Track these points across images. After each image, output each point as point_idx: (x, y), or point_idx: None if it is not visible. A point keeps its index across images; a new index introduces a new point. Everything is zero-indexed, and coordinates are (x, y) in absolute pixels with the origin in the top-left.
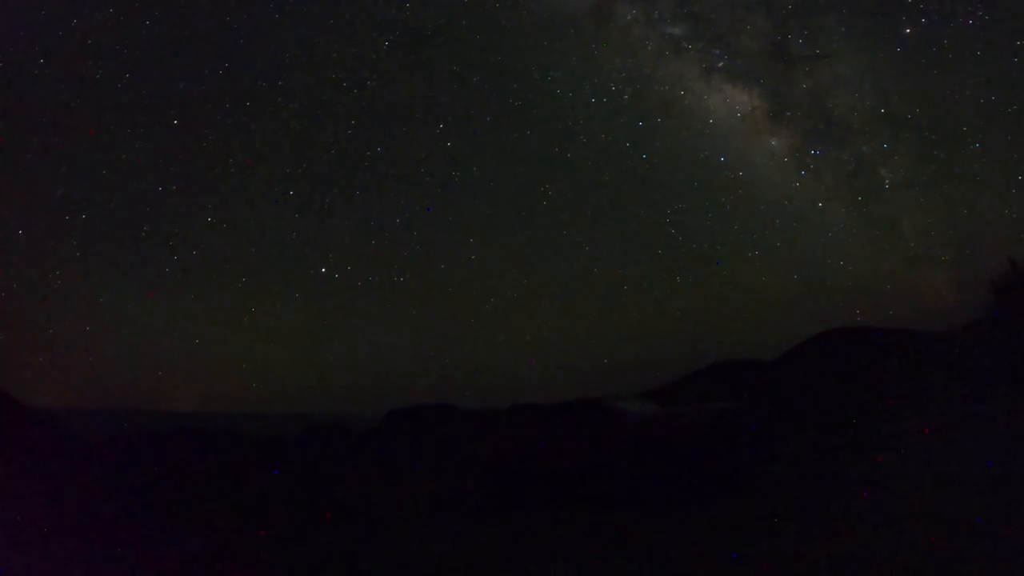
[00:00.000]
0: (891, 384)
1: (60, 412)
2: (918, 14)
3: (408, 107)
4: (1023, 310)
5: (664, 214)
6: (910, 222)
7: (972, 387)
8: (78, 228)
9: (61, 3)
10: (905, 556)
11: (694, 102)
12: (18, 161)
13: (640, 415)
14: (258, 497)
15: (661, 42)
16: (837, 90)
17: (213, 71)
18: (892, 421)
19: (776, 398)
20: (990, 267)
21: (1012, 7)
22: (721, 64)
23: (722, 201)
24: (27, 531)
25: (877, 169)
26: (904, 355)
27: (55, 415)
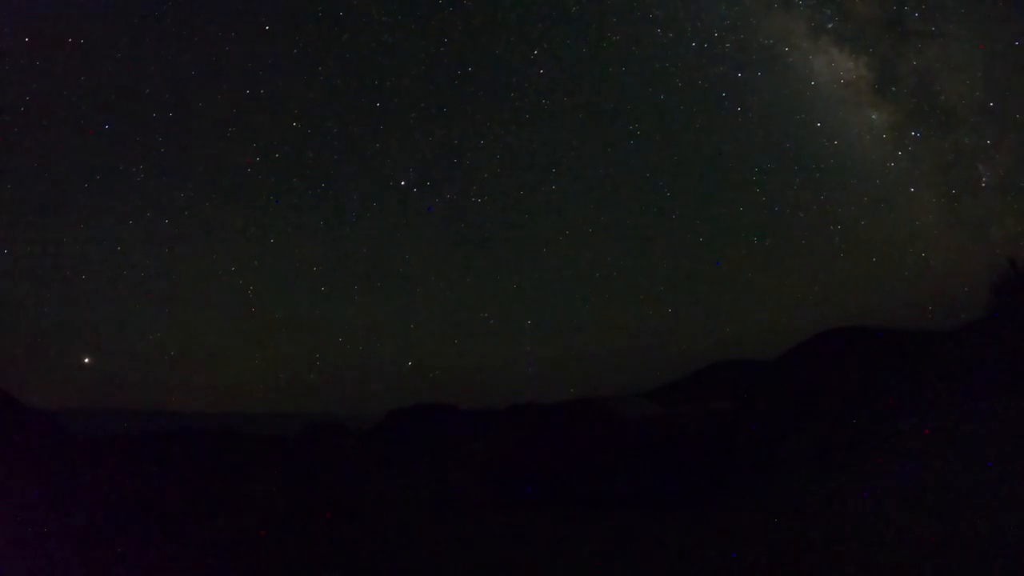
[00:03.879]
0: (891, 384)
1: (60, 412)
2: None
3: (501, 28)
4: (1023, 310)
5: (752, 172)
6: (1000, 226)
7: (972, 387)
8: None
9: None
10: (905, 556)
11: (797, 60)
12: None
13: (640, 415)
14: (258, 497)
15: None
16: (947, 73)
17: None
18: (892, 421)
19: (776, 398)
20: None
21: None
22: (831, 26)
23: (812, 168)
24: (27, 531)
25: (976, 164)
26: (904, 355)
27: (55, 415)
